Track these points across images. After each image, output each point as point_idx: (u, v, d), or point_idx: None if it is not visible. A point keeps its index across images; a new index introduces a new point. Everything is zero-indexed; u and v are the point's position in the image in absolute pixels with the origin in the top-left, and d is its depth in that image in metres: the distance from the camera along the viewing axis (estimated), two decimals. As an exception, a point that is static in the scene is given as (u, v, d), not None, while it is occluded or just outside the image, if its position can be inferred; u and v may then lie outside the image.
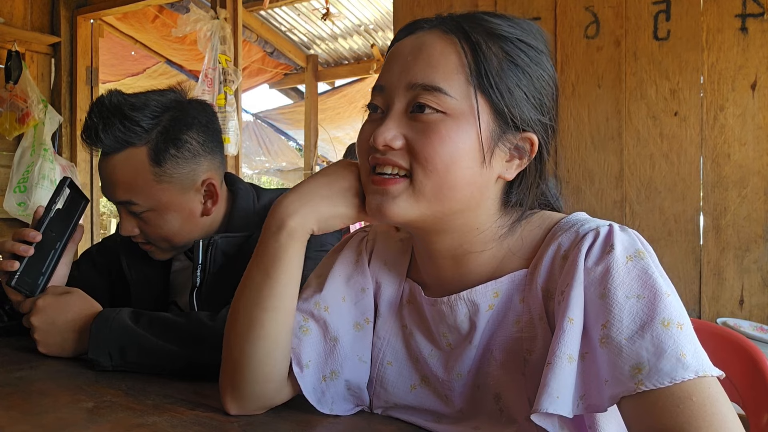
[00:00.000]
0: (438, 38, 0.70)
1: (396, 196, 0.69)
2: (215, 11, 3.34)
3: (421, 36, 0.71)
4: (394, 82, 0.70)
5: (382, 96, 0.72)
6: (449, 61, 0.68)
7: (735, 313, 1.79)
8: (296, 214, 0.73)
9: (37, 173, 3.38)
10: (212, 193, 1.20)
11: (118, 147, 1.11)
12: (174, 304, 1.30)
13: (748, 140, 1.79)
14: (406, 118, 0.69)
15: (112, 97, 1.12)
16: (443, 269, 0.77)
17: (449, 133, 0.67)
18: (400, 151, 0.68)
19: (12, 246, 1.05)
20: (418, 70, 0.68)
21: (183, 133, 1.15)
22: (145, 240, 1.20)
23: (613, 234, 0.66)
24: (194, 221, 1.20)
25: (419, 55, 0.69)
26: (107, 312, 1.02)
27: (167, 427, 0.73)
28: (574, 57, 2.02)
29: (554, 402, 0.60)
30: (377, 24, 5.15)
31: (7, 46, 3.44)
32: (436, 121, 0.67)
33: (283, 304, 0.75)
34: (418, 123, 0.68)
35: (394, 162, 0.68)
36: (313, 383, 0.79)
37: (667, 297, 0.61)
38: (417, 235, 0.77)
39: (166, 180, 1.14)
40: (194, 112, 1.19)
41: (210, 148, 1.20)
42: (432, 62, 0.68)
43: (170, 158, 1.14)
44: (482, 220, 0.73)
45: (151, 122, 1.12)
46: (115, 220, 9.29)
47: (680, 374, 0.57)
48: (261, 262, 0.75)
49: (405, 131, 0.68)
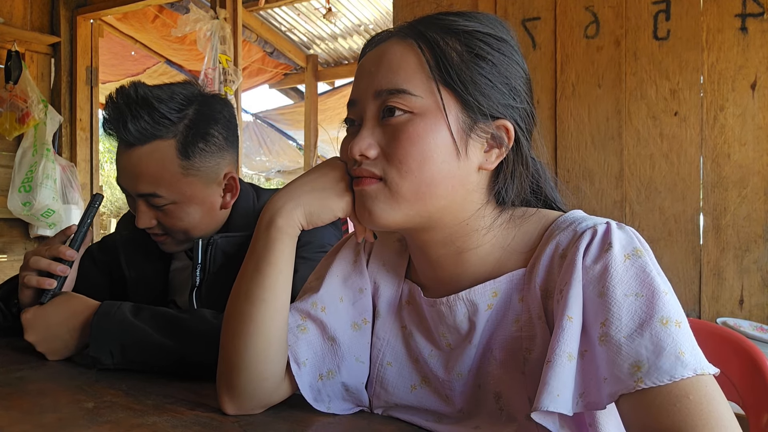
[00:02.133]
0: (396, 44, 0.72)
1: (375, 197, 0.70)
2: (215, 11, 3.34)
3: (381, 47, 0.74)
4: (362, 93, 0.73)
5: (355, 109, 0.74)
6: (409, 63, 0.70)
7: (735, 313, 1.79)
8: (284, 209, 0.75)
9: (41, 173, 3.38)
10: (232, 187, 1.22)
11: (145, 139, 1.11)
12: (173, 303, 1.30)
13: (748, 140, 1.79)
14: (380, 126, 0.71)
15: (138, 89, 1.11)
16: (440, 269, 0.77)
17: (417, 131, 0.68)
18: (375, 160, 0.71)
19: (49, 265, 1.06)
20: (381, 78, 0.71)
21: (210, 127, 1.16)
22: (161, 232, 1.20)
23: (610, 232, 0.66)
24: (213, 214, 1.21)
25: (381, 63, 0.72)
26: (107, 307, 1.02)
27: (167, 427, 0.73)
28: (574, 57, 2.02)
29: (554, 400, 0.60)
30: (377, 24, 5.16)
31: (6, 46, 3.44)
32: (405, 122, 0.69)
33: (273, 297, 0.75)
34: (389, 127, 0.70)
35: (369, 172, 0.71)
36: (310, 381, 0.79)
37: (665, 295, 0.61)
38: (410, 238, 0.78)
39: (192, 173, 1.15)
40: (218, 106, 1.20)
41: (231, 143, 1.21)
42: (393, 67, 0.71)
43: (198, 152, 1.14)
44: (470, 213, 0.73)
45: (177, 115, 1.13)
46: (114, 220, 9.29)
47: (679, 372, 0.57)
48: (252, 259, 0.77)
49: (378, 139, 0.71)
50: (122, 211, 10.18)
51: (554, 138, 2.04)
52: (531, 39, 2.09)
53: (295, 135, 7.54)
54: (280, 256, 0.75)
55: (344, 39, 5.49)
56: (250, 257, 0.77)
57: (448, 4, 2.23)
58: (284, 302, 0.77)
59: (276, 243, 0.75)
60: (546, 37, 2.06)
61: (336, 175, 0.75)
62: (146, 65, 5.27)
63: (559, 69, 2.04)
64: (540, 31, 2.07)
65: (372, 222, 0.71)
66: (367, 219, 0.72)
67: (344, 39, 5.49)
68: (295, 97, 6.90)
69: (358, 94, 0.74)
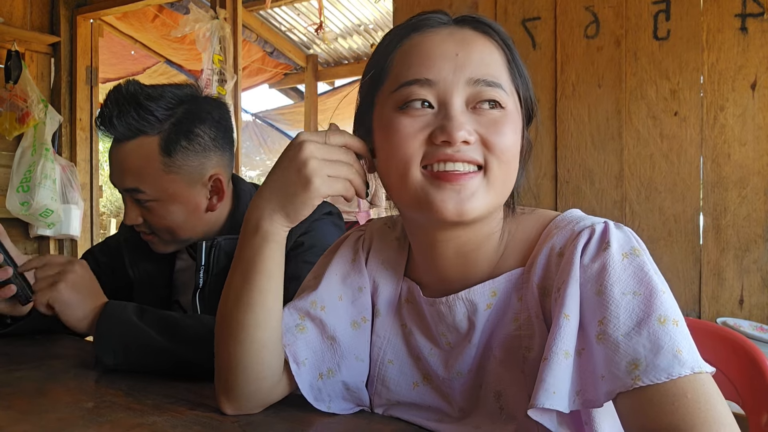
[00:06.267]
0: (478, 37, 0.71)
1: (474, 192, 0.67)
2: (215, 11, 3.34)
3: (458, 34, 0.71)
4: (447, 76, 0.68)
5: (432, 90, 0.68)
6: (497, 60, 0.71)
7: (735, 312, 1.79)
8: (265, 214, 0.73)
9: (39, 173, 3.37)
10: (218, 189, 1.21)
11: (130, 135, 1.13)
12: (177, 304, 1.31)
13: (748, 140, 1.79)
14: (468, 113, 0.68)
15: (129, 86, 1.13)
16: (446, 268, 0.76)
17: (513, 125, 0.70)
18: (473, 146, 0.68)
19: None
20: (474, 66, 0.69)
21: (195, 126, 1.16)
22: (148, 230, 1.21)
23: (608, 231, 0.66)
24: (198, 215, 1.21)
25: (470, 50, 0.69)
26: (112, 308, 1.02)
27: (167, 427, 0.73)
28: (574, 57, 2.02)
29: (550, 397, 0.61)
30: (377, 24, 5.16)
31: (6, 45, 3.44)
32: (501, 115, 0.69)
33: (263, 302, 0.74)
34: (484, 117, 0.68)
35: (470, 158, 0.67)
36: (310, 381, 0.79)
37: (662, 294, 0.62)
38: (429, 234, 0.74)
39: (174, 171, 1.15)
40: (208, 107, 1.20)
41: (220, 145, 1.21)
42: (485, 59, 0.70)
43: (180, 150, 1.15)
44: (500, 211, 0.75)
45: (165, 113, 1.14)
46: (114, 220, 9.29)
47: (677, 370, 0.57)
48: (239, 265, 0.75)
49: (474, 126, 0.68)
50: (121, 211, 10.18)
51: (554, 138, 2.04)
52: (531, 39, 2.09)
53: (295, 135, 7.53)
54: (269, 262, 0.74)
55: (344, 39, 5.49)
56: (238, 263, 0.75)
57: (448, 4, 2.23)
58: (275, 306, 0.76)
59: (263, 249, 0.73)
60: (546, 37, 2.06)
61: (295, 165, 0.70)
62: (146, 65, 5.27)
63: (559, 69, 2.04)
64: (540, 31, 2.07)
65: (464, 216, 0.67)
66: (454, 213, 0.67)
67: (344, 39, 5.49)
68: (295, 97, 6.90)
69: (439, 75, 0.68)
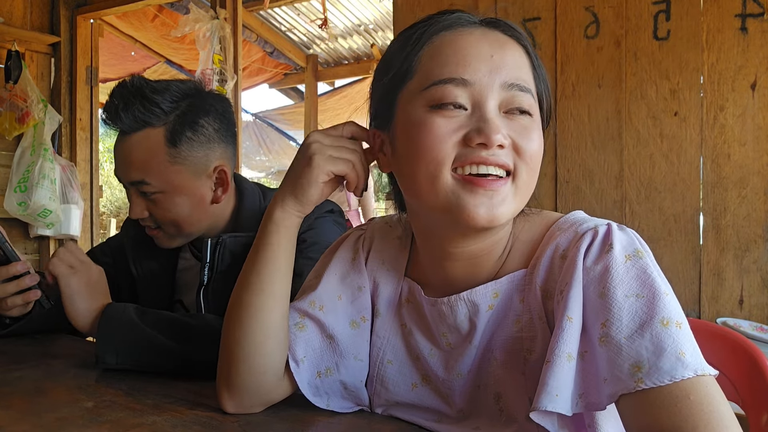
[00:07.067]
0: (508, 41, 0.70)
1: (504, 198, 0.66)
2: (215, 11, 3.34)
3: (488, 33, 0.70)
4: (482, 78, 0.67)
5: (467, 90, 0.67)
6: (526, 66, 0.71)
7: (735, 313, 1.79)
8: (278, 202, 0.77)
9: (37, 173, 3.37)
10: (223, 181, 1.22)
11: (137, 126, 1.14)
12: (179, 303, 1.31)
13: (748, 140, 1.79)
14: (501, 116, 0.67)
15: (134, 80, 1.15)
16: (454, 270, 0.75)
17: (539, 132, 0.70)
18: (506, 150, 0.66)
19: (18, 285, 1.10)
20: (509, 70, 0.68)
21: (200, 118, 1.18)
22: (153, 224, 1.21)
23: (611, 233, 0.66)
24: (203, 208, 1.21)
25: (504, 53, 0.68)
26: (113, 310, 1.03)
27: (167, 427, 0.73)
28: (574, 57, 2.02)
29: (553, 400, 0.60)
30: (377, 24, 5.15)
31: (6, 45, 3.44)
32: (530, 121, 0.69)
33: (271, 287, 0.77)
34: (515, 123, 0.68)
35: (503, 162, 0.66)
36: (308, 378, 0.79)
37: (665, 296, 0.61)
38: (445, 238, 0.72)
39: (179, 162, 1.16)
40: (212, 100, 1.22)
41: (224, 137, 1.22)
42: (518, 62, 0.69)
43: (186, 140, 1.16)
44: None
45: (170, 105, 1.15)
46: (114, 220, 9.29)
47: (680, 373, 0.57)
48: (253, 251, 0.79)
49: (507, 130, 0.67)
50: (121, 211, 10.18)
51: (554, 138, 2.04)
52: (531, 39, 2.08)
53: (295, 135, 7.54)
54: (276, 247, 0.77)
55: (344, 39, 5.49)
56: (253, 249, 0.79)
57: (448, 4, 2.22)
58: (282, 293, 0.78)
59: (273, 235, 0.77)
60: (546, 37, 2.06)
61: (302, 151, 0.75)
62: (146, 65, 5.27)
63: (559, 69, 2.04)
64: (540, 31, 2.07)
65: (494, 222, 0.66)
66: (486, 219, 0.65)
67: (344, 39, 5.49)
68: (295, 97, 6.89)
69: (475, 75, 0.67)
